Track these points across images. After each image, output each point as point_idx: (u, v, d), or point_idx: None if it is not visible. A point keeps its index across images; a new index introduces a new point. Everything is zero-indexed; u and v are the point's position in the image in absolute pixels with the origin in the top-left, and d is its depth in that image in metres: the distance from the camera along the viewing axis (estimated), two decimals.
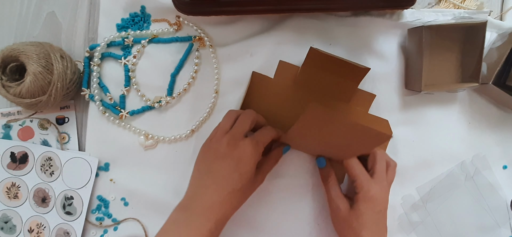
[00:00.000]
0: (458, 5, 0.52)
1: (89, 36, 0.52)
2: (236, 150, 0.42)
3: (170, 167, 0.52)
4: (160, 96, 0.51)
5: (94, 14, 0.52)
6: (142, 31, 0.51)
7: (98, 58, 0.50)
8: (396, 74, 0.52)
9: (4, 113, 0.52)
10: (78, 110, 0.52)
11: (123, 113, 0.51)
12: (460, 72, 0.51)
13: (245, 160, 0.42)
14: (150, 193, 0.51)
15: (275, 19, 0.51)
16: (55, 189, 0.51)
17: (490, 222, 0.53)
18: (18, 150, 0.51)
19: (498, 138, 0.54)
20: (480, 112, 0.53)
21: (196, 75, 0.52)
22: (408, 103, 0.52)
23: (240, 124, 0.44)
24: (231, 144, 0.42)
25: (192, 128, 0.51)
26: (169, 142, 0.52)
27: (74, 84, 0.48)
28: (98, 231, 0.52)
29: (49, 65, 0.45)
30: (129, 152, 0.51)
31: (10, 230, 0.52)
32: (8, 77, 0.46)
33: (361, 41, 0.51)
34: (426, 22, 0.49)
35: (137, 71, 0.51)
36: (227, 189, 0.41)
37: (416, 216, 0.53)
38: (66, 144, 0.52)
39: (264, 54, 0.51)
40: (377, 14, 0.50)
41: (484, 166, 0.53)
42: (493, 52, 0.49)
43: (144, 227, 0.52)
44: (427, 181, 0.53)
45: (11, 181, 0.52)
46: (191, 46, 0.51)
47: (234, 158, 0.42)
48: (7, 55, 0.45)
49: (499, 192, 0.53)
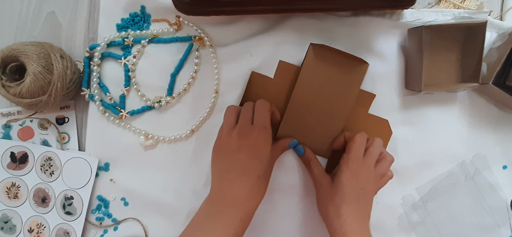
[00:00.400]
0: (458, 5, 0.52)
1: (89, 36, 0.52)
2: (249, 138, 0.43)
3: (170, 167, 0.52)
4: (160, 96, 0.51)
5: (94, 14, 0.52)
6: (142, 31, 0.51)
7: (98, 58, 0.50)
8: (396, 74, 0.52)
9: (4, 113, 0.52)
10: (78, 110, 0.52)
11: (123, 113, 0.51)
12: (460, 72, 0.50)
13: (261, 145, 0.43)
14: (150, 193, 0.52)
15: (275, 19, 0.51)
16: (55, 189, 0.51)
17: (490, 222, 0.53)
18: (18, 150, 0.51)
19: (498, 138, 0.54)
20: (480, 112, 0.53)
21: (196, 75, 0.52)
22: (408, 103, 0.52)
23: (243, 116, 0.45)
24: (242, 134, 0.43)
25: (192, 128, 0.51)
26: (169, 142, 0.52)
27: (74, 84, 0.48)
28: (98, 231, 0.52)
29: (49, 65, 0.45)
30: (129, 152, 0.51)
31: (10, 230, 0.52)
32: (8, 77, 0.46)
33: (361, 41, 0.51)
34: (426, 22, 0.49)
35: (137, 71, 0.51)
36: (252, 178, 0.42)
37: (416, 216, 0.53)
38: (66, 144, 0.52)
39: (264, 54, 0.50)
40: (377, 14, 0.50)
41: (484, 166, 0.53)
42: (493, 52, 0.49)
43: (144, 227, 0.52)
44: (427, 181, 0.53)
45: (11, 181, 0.52)
46: (191, 46, 0.51)
47: (250, 146, 0.42)
48: (7, 55, 0.45)
49: (499, 192, 0.53)
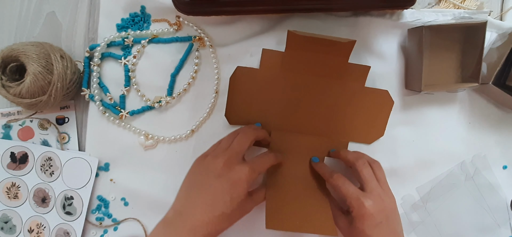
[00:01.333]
0: (458, 5, 0.52)
1: (89, 36, 0.52)
2: (232, 172, 0.41)
3: (170, 167, 0.52)
4: (160, 96, 0.51)
5: (94, 14, 0.52)
6: (142, 31, 0.51)
7: (98, 58, 0.50)
8: (396, 74, 0.52)
9: (4, 113, 0.51)
10: (78, 110, 0.52)
11: (123, 113, 0.51)
12: (460, 72, 0.50)
13: (239, 184, 0.40)
14: (150, 193, 0.52)
15: (275, 19, 0.51)
16: (55, 189, 0.51)
17: (490, 222, 0.53)
18: (18, 150, 0.51)
19: (498, 138, 0.54)
20: (480, 112, 0.53)
21: (196, 75, 0.52)
22: (408, 103, 0.52)
23: (238, 144, 0.43)
24: (227, 164, 0.41)
25: (192, 128, 0.51)
26: (169, 142, 0.52)
27: (74, 84, 0.48)
28: (98, 231, 0.52)
29: (49, 65, 0.45)
30: (129, 152, 0.51)
31: (10, 230, 0.52)
32: (8, 77, 0.46)
33: (361, 41, 0.51)
34: (426, 22, 0.49)
35: (137, 71, 0.51)
36: (216, 211, 0.39)
37: (416, 216, 0.53)
38: (66, 144, 0.52)
39: None
40: (377, 14, 0.50)
41: (484, 166, 0.53)
42: (493, 52, 0.49)
43: (144, 227, 0.52)
44: (427, 181, 0.53)
45: (11, 181, 0.52)
46: (191, 46, 0.51)
47: (229, 180, 0.40)
48: (7, 55, 0.45)
49: (499, 192, 0.53)
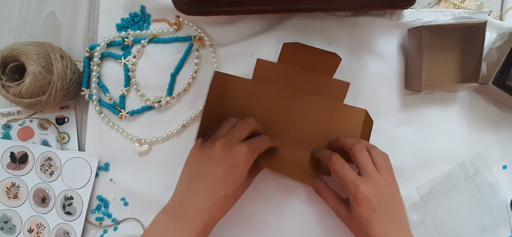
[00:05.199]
0: (458, 5, 0.52)
1: (89, 36, 0.52)
2: (231, 153, 0.41)
3: (170, 167, 0.52)
4: (160, 96, 0.51)
5: (94, 14, 0.52)
6: (142, 31, 0.51)
7: (98, 58, 0.50)
8: (396, 74, 0.52)
9: (4, 113, 0.51)
10: (78, 110, 0.52)
11: (123, 113, 0.51)
12: (460, 72, 0.51)
13: (239, 164, 0.41)
14: (150, 193, 0.51)
15: (275, 19, 0.51)
16: (55, 189, 0.51)
17: (490, 222, 0.53)
18: (18, 150, 0.51)
19: (498, 138, 0.54)
20: (480, 112, 0.53)
21: (196, 75, 0.52)
22: (408, 103, 0.52)
23: (237, 130, 0.44)
24: (226, 147, 0.42)
25: (183, 123, 0.51)
26: (163, 141, 0.51)
27: (74, 84, 0.48)
28: (98, 231, 0.52)
29: (49, 65, 0.45)
30: (129, 152, 0.51)
31: (10, 230, 0.52)
32: (8, 77, 0.46)
33: (361, 41, 0.51)
34: (426, 22, 0.49)
35: (137, 71, 0.51)
36: (219, 194, 0.40)
37: (416, 216, 0.53)
38: (66, 144, 0.52)
39: (264, 54, 0.50)
40: (377, 14, 0.50)
41: (484, 166, 0.53)
42: (493, 52, 0.49)
43: (144, 227, 0.52)
44: (427, 181, 0.53)
45: (11, 181, 0.52)
46: (191, 46, 0.51)
47: (229, 161, 0.41)
48: (7, 55, 0.45)
49: (499, 192, 0.53)
